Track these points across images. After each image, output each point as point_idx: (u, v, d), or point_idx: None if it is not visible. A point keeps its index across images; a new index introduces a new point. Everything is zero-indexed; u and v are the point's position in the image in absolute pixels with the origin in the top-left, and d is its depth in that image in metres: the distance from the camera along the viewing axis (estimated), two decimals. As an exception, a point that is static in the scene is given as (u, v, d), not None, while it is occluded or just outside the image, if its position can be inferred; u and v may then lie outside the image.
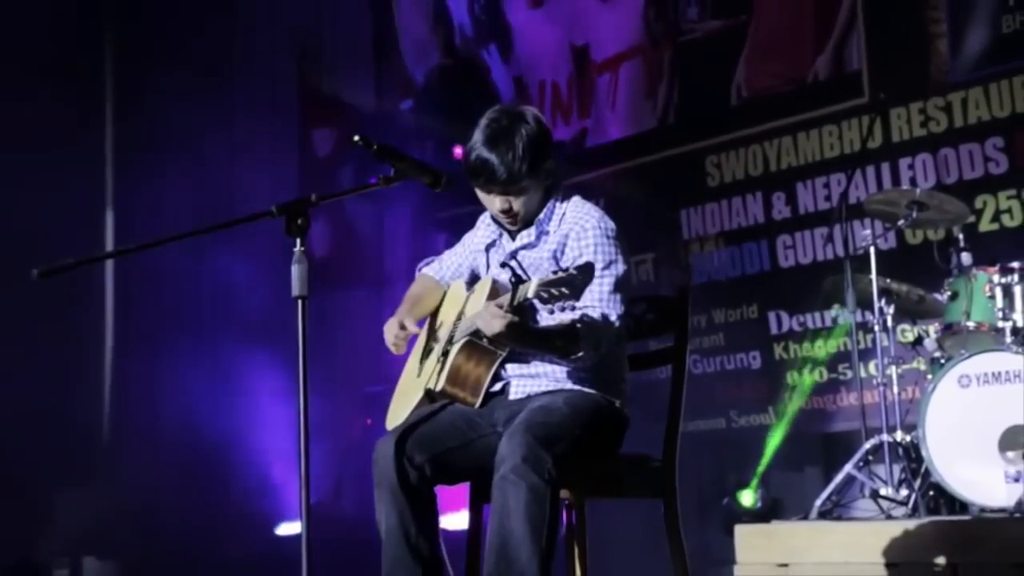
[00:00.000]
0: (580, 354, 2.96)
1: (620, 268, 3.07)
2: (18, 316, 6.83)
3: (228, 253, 6.88)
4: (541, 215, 3.17)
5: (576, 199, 3.20)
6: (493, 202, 3.12)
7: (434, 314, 3.39)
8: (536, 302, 2.79)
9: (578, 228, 3.10)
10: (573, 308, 2.84)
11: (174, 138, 7.99)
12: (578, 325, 2.92)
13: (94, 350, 7.75)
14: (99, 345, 7.79)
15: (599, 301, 3.00)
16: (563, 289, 2.69)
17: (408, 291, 3.42)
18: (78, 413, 7.42)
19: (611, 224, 3.13)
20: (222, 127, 8.24)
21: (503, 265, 2.99)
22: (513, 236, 3.22)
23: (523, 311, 2.84)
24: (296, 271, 2.73)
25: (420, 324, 3.29)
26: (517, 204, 3.11)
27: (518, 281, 2.81)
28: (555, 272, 2.72)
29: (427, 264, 3.50)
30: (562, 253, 3.11)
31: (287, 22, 8.51)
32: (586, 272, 2.70)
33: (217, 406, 7.06)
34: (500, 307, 2.83)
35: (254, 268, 6.82)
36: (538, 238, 3.16)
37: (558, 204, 3.18)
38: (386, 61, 8.41)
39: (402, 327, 3.22)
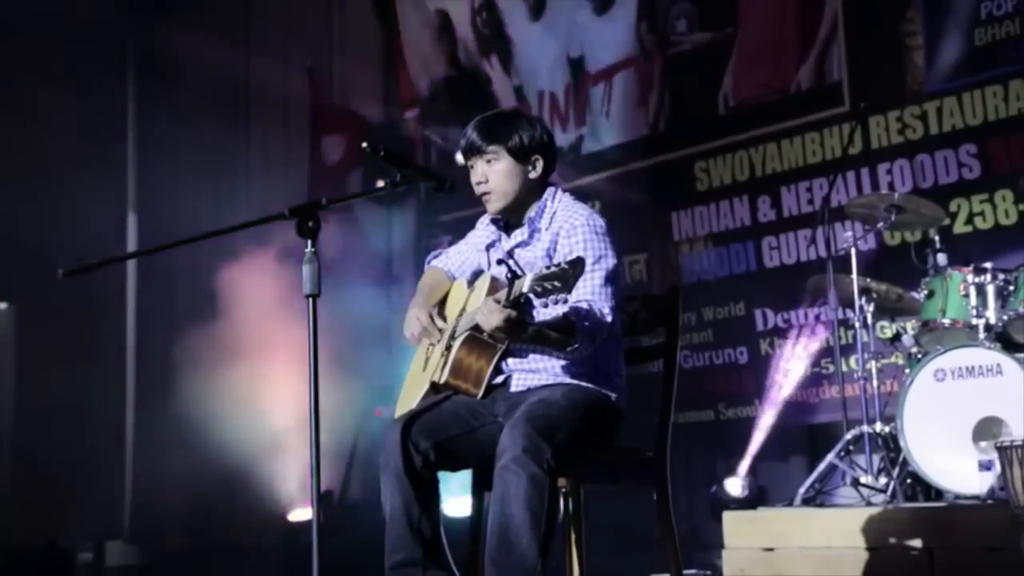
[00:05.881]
0: (576, 346, 2.95)
1: (610, 262, 3.05)
2: (45, 314, 6.84)
3: (246, 253, 6.88)
4: (532, 213, 3.16)
5: (566, 198, 3.19)
6: (473, 176, 3.15)
7: (439, 310, 3.39)
8: (532, 296, 2.78)
9: (568, 226, 3.08)
10: (566, 301, 2.84)
11: (192, 145, 7.99)
12: (573, 319, 2.91)
13: (117, 345, 7.75)
14: (121, 340, 7.78)
15: (591, 294, 2.98)
16: (555, 283, 2.68)
17: (421, 282, 3.43)
18: (101, 405, 7.42)
19: (600, 221, 3.11)
20: (238, 135, 8.24)
21: (500, 262, 2.98)
22: (508, 234, 3.21)
23: (520, 306, 2.83)
24: (307, 270, 2.73)
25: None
26: (492, 176, 3.11)
27: (514, 277, 2.80)
28: (547, 267, 2.72)
29: (435, 256, 3.51)
30: (554, 251, 3.10)
31: (299, 36, 8.50)
32: (577, 266, 2.69)
33: (232, 398, 7.04)
34: (498, 302, 2.82)
35: (267, 265, 6.81)
36: (531, 236, 3.15)
37: (549, 203, 3.17)
38: (393, 73, 8.41)
39: (431, 319, 3.23)
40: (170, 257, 7.23)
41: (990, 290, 4.54)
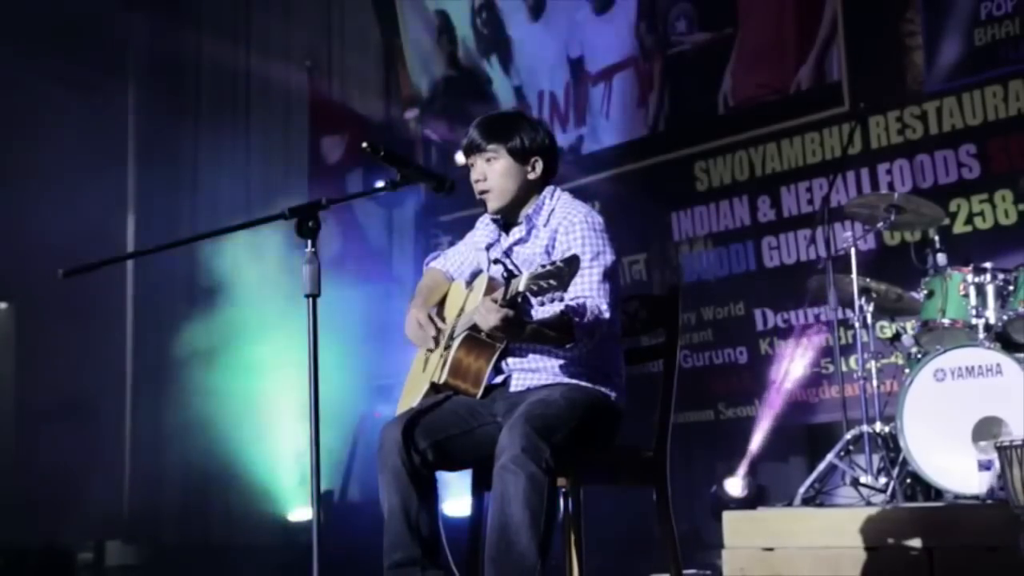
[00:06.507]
0: (574, 343, 2.95)
1: (608, 259, 3.06)
2: (45, 314, 6.85)
3: (241, 251, 6.88)
4: (531, 210, 3.16)
5: (565, 196, 3.20)
6: (473, 174, 3.16)
7: (438, 311, 3.39)
8: (528, 295, 2.78)
9: (566, 223, 3.09)
10: (562, 299, 2.85)
11: (192, 145, 8.00)
12: (571, 316, 2.91)
13: (116, 345, 7.76)
14: (120, 341, 7.79)
15: (589, 290, 2.99)
16: (551, 281, 2.68)
17: (419, 284, 3.44)
18: (101, 405, 7.43)
19: (598, 218, 3.12)
20: (237, 135, 8.24)
21: (496, 262, 2.97)
22: (507, 233, 3.22)
23: (517, 304, 2.83)
24: (307, 270, 2.72)
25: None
26: (490, 175, 3.12)
27: (510, 276, 2.80)
28: (543, 266, 2.72)
29: (433, 258, 3.51)
30: (553, 248, 3.10)
31: (299, 36, 8.51)
32: (572, 264, 2.69)
33: (232, 398, 7.05)
34: (495, 302, 2.82)
35: (267, 265, 6.82)
36: (529, 233, 3.16)
37: (547, 201, 3.18)
38: (393, 73, 8.40)
39: (430, 320, 3.23)
40: (169, 258, 7.24)
41: (990, 290, 4.54)
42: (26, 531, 6.60)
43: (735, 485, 6.06)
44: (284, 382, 6.71)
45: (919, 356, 4.66)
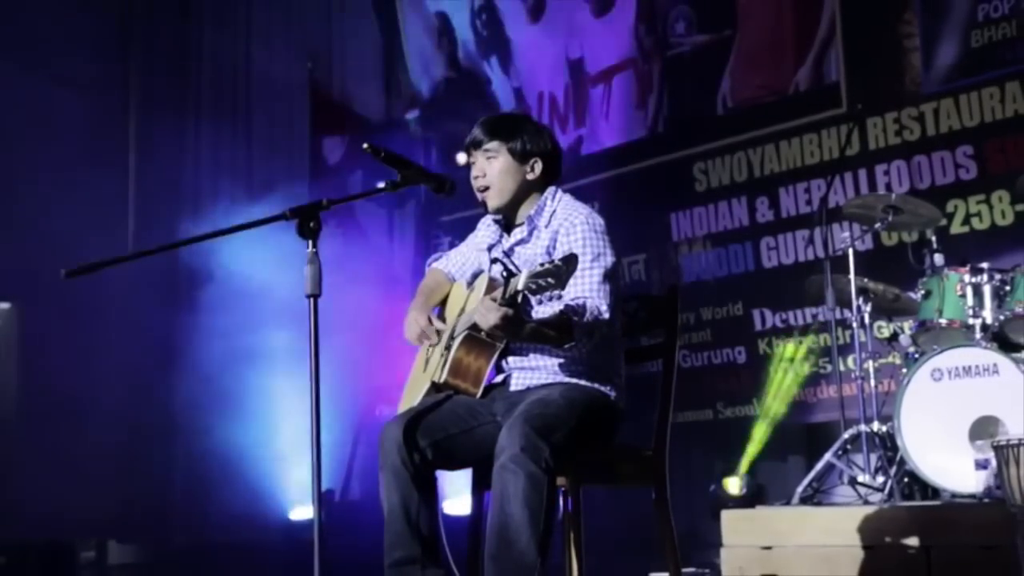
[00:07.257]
0: (573, 343, 2.95)
1: (608, 260, 3.07)
2: (47, 313, 6.85)
3: (242, 252, 6.88)
4: (532, 211, 3.18)
5: (566, 198, 3.22)
6: (472, 171, 3.19)
7: (440, 311, 3.40)
8: (527, 294, 2.78)
9: (568, 224, 3.11)
10: (559, 298, 2.85)
11: (193, 146, 8.00)
12: (571, 316, 2.92)
13: (117, 344, 7.75)
14: (122, 339, 7.78)
15: (589, 290, 3.00)
16: (549, 280, 2.69)
17: (421, 284, 3.45)
18: (102, 405, 7.42)
19: (599, 220, 3.13)
20: (238, 135, 8.24)
21: (495, 261, 2.97)
22: (509, 233, 3.23)
23: (516, 303, 2.83)
24: (308, 271, 2.73)
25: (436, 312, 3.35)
26: (489, 172, 3.15)
27: (509, 275, 2.81)
28: (542, 264, 2.73)
29: (435, 259, 3.52)
30: (554, 248, 3.12)
31: (300, 37, 8.51)
32: (570, 263, 2.70)
33: (233, 397, 7.05)
34: (494, 301, 2.83)
35: (271, 265, 6.83)
36: (530, 233, 3.18)
37: (548, 202, 3.19)
38: (393, 74, 8.41)
39: (429, 321, 3.25)
40: (171, 258, 7.24)
41: (986, 290, 4.55)
42: (28, 529, 6.60)
43: (734, 484, 6.07)
44: (285, 381, 6.71)
45: (916, 356, 4.67)
